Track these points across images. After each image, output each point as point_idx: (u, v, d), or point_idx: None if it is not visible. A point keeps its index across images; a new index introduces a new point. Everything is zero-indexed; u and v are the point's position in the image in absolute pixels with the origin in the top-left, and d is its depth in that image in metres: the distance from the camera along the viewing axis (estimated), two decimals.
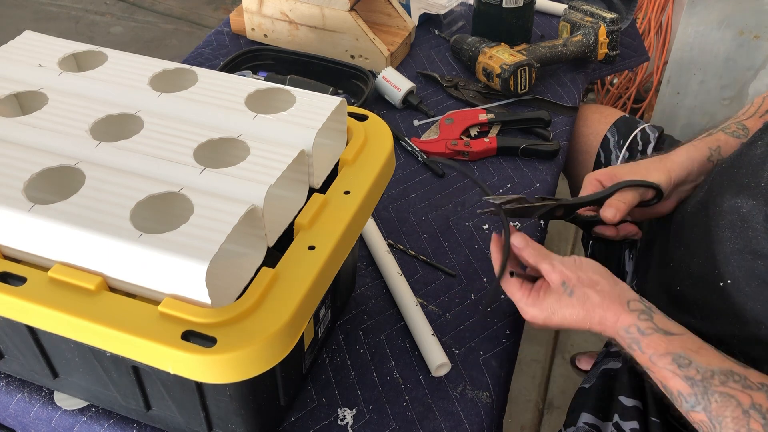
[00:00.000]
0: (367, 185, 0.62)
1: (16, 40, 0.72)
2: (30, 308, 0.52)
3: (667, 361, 0.61)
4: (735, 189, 0.68)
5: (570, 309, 0.65)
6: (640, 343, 0.62)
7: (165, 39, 2.81)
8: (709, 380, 0.58)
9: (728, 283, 0.66)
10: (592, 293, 0.65)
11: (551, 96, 1.14)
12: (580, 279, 0.66)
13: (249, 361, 0.50)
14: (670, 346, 0.61)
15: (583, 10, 1.21)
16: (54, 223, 0.51)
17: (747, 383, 0.58)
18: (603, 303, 0.64)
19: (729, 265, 0.66)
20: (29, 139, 0.59)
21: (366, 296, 0.81)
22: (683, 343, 0.62)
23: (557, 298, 0.66)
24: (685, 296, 0.72)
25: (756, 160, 0.68)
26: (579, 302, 0.65)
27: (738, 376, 0.58)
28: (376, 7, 1.22)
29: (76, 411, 0.67)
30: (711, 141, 0.80)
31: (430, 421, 0.69)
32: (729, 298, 0.66)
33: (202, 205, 0.53)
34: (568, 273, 0.66)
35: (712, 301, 0.68)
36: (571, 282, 0.66)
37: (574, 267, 0.67)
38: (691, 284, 0.71)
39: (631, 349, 0.63)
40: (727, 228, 0.67)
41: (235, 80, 0.67)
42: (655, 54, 2.11)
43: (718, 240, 0.68)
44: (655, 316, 0.63)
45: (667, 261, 0.76)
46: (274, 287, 0.53)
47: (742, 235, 0.65)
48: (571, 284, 0.66)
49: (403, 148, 1.03)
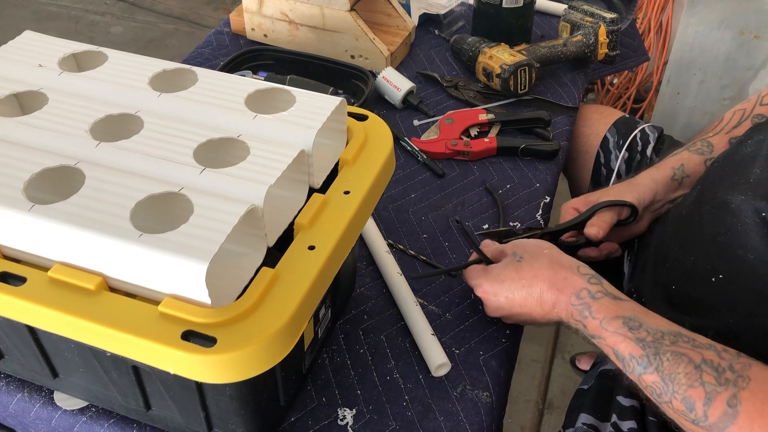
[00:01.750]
0: (367, 185, 0.62)
1: (16, 40, 0.72)
2: (30, 308, 0.52)
3: (617, 325, 0.62)
4: (725, 186, 0.69)
5: (518, 274, 0.68)
6: (591, 308, 0.64)
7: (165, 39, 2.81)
8: (660, 341, 0.60)
9: (720, 277, 0.66)
10: (542, 257, 0.68)
11: (551, 96, 1.14)
12: (529, 249, 0.70)
13: (249, 361, 0.50)
14: (619, 310, 0.63)
15: (583, 10, 1.21)
16: (54, 223, 0.51)
17: (696, 343, 0.60)
18: (552, 266, 0.67)
19: (721, 260, 0.67)
20: (29, 139, 0.59)
21: (366, 296, 0.81)
22: (632, 306, 0.64)
23: (505, 264, 0.70)
24: (680, 295, 0.72)
25: (746, 158, 0.69)
26: (527, 266, 0.68)
27: (686, 338, 0.60)
28: (376, 7, 1.22)
29: (76, 411, 0.67)
30: (674, 161, 0.83)
31: (430, 421, 0.69)
32: (722, 291, 0.66)
33: (202, 205, 0.53)
34: (520, 245, 0.72)
35: (705, 296, 0.68)
36: (521, 250, 0.70)
37: (527, 243, 0.72)
38: (685, 282, 0.72)
39: (582, 317, 0.65)
40: (719, 224, 0.68)
41: (235, 80, 0.67)
42: (655, 54, 2.11)
43: (710, 237, 0.69)
44: (604, 282, 0.66)
45: (663, 261, 0.77)
46: (274, 287, 0.53)
47: (733, 230, 0.66)
48: (520, 252, 0.70)
49: (403, 148, 1.03)
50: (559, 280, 0.66)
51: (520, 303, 0.70)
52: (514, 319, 0.74)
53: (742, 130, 0.78)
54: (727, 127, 0.83)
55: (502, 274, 0.70)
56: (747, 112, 0.83)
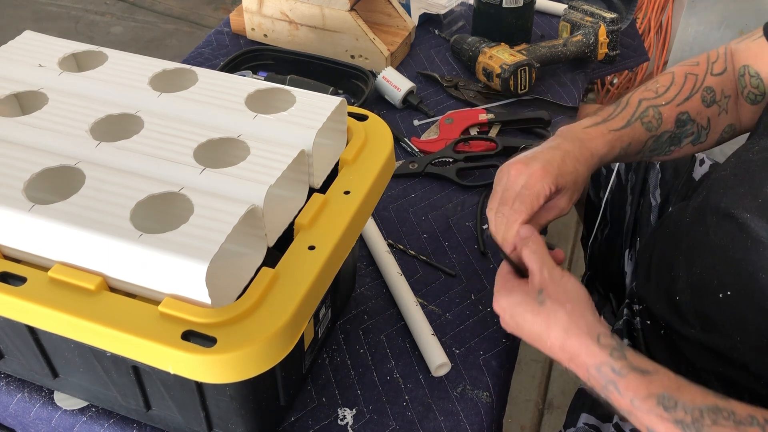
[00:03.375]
0: (367, 185, 0.62)
1: (16, 40, 0.72)
2: (30, 308, 0.52)
3: (651, 404, 0.56)
4: (732, 198, 0.66)
5: (533, 317, 0.61)
6: (618, 385, 0.58)
7: (165, 39, 2.81)
8: (700, 421, 0.55)
9: (728, 294, 0.64)
10: (562, 313, 0.60)
11: (551, 96, 1.14)
12: (557, 294, 0.62)
13: (249, 361, 0.50)
14: (651, 387, 0.57)
15: (583, 10, 1.21)
16: (54, 223, 0.51)
17: (737, 419, 0.55)
18: (569, 328, 0.60)
19: (729, 276, 0.64)
20: (29, 139, 0.59)
21: (366, 296, 0.81)
22: (662, 382, 0.57)
23: (526, 299, 0.62)
24: (685, 306, 0.70)
25: (753, 167, 0.67)
26: (545, 314, 0.61)
27: (726, 412, 0.55)
28: (376, 7, 1.22)
29: (76, 411, 0.67)
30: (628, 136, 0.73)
31: (430, 421, 0.69)
32: (730, 309, 0.64)
33: (202, 205, 0.53)
34: (549, 284, 0.62)
35: (712, 312, 0.66)
36: (548, 292, 0.62)
37: (558, 281, 0.63)
38: (690, 294, 0.69)
39: (607, 390, 0.59)
40: (726, 237, 0.66)
41: (235, 80, 0.67)
42: (655, 54, 2.11)
43: (716, 250, 0.66)
44: (628, 353, 0.59)
45: (667, 268, 0.75)
46: (274, 287, 0.53)
47: (741, 245, 0.64)
48: (546, 294, 0.62)
49: (403, 148, 1.03)
50: (572, 345, 0.60)
51: (530, 339, 0.64)
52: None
53: (691, 104, 0.75)
54: (679, 97, 0.75)
55: (518, 305, 0.63)
56: (699, 81, 0.76)
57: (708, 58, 0.78)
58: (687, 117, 0.75)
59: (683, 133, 0.75)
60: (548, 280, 0.62)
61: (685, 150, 0.78)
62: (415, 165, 0.98)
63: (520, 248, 0.66)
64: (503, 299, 0.64)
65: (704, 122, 0.76)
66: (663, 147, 0.75)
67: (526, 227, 0.66)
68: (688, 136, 0.75)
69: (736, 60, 0.78)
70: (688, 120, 0.75)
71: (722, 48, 0.79)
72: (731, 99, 0.77)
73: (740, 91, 0.76)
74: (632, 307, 0.82)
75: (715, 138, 0.78)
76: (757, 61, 0.75)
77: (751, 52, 0.75)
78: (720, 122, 0.77)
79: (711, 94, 0.76)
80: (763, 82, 0.74)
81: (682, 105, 0.75)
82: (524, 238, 0.65)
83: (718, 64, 0.77)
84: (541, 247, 0.65)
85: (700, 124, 0.76)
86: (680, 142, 0.76)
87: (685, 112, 0.74)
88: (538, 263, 0.64)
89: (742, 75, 0.76)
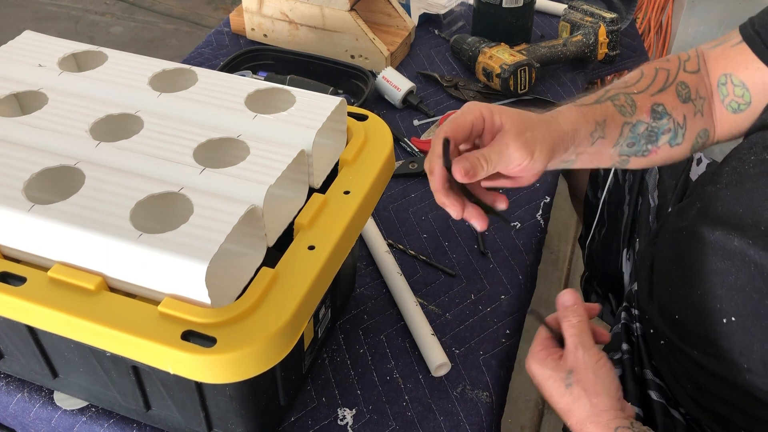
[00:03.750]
0: (367, 185, 0.62)
1: (16, 40, 0.72)
2: (30, 308, 0.52)
3: None
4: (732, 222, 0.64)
5: (559, 396, 0.62)
6: None
7: (165, 39, 2.81)
8: None
9: (732, 320, 0.62)
10: (586, 401, 0.60)
11: (551, 96, 1.14)
12: (587, 381, 0.61)
13: (249, 361, 0.50)
14: None
15: (583, 10, 1.21)
16: (54, 223, 0.51)
17: None
18: (589, 416, 0.60)
19: (732, 302, 0.62)
20: (29, 139, 0.59)
21: (366, 296, 0.81)
22: None
23: (555, 375, 0.62)
24: (686, 327, 0.68)
25: (749, 184, 0.64)
26: (569, 397, 0.61)
27: None
28: (376, 7, 1.22)
29: (76, 411, 0.67)
30: (599, 113, 0.69)
31: (430, 421, 0.69)
32: (733, 336, 0.62)
33: (202, 205, 0.53)
34: (581, 368, 0.61)
35: (714, 337, 0.64)
36: (577, 377, 0.61)
37: (590, 367, 0.61)
38: (691, 315, 0.67)
39: None
40: (726, 260, 0.63)
41: (235, 80, 0.67)
42: (655, 54, 2.11)
43: (717, 272, 0.64)
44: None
45: (665, 283, 0.73)
46: (274, 287, 0.53)
47: (744, 271, 0.62)
48: (574, 378, 0.61)
49: (403, 148, 1.03)
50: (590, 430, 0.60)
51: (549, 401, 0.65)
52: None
53: (666, 97, 0.71)
54: (652, 88, 0.72)
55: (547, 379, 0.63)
56: (671, 75, 0.73)
57: (679, 57, 0.75)
58: (663, 109, 0.70)
59: (660, 128, 0.71)
60: (581, 363, 0.61)
61: (663, 153, 0.72)
62: (415, 165, 0.98)
63: (562, 317, 0.64)
64: (535, 366, 0.64)
65: (680, 119, 0.71)
66: (640, 142, 0.70)
67: (570, 295, 0.65)
68: (665, 132, 0.71)
69: (711, 66, 0.74)
70: (663, 113, 0.70)
71: (692, 50, 0.75)
72: (706, 102, 0.73)
73: (721, 99, 0.72)
74: (631, 311, 0.82)
75: (691, 141, 0.73)
76: (740, 69, 0.70)
77: (731, 59, 0.71)
78: (696, 124, 0.72)
79: (686, 89, 0.72)
80: (748, 91, 0.71)
81: (656, 96, 0.71)
82: (566, 308, 0.64)
83: (691, 63, 0.74)
84: (582, 321, 0.63)
85: (677, 120, 0.71)
86: (657, 139, 0.71)
87: (660, 104, 0.71)
88: (574, 341, 0.62)
89: (724, 84, 0.72)
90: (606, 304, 1.04)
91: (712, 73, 0.73)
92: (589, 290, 1.08)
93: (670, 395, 0.72)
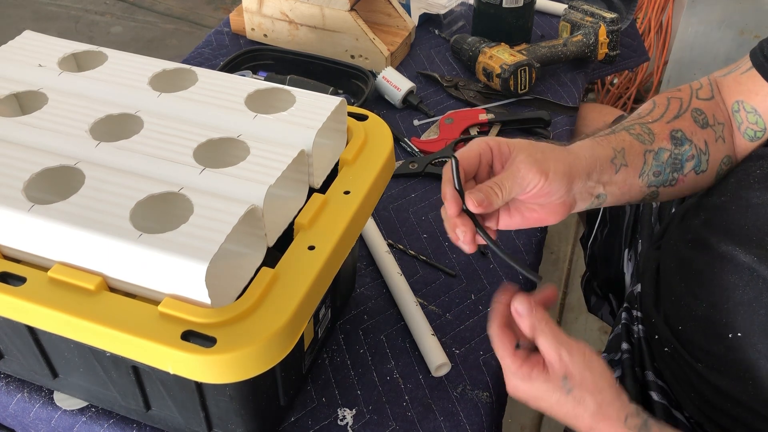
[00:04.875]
0: (367, 185, 0.62)
1: (16, 40, 0.72)
2: (30, 308, 0.52)
3: None
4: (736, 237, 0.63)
5: (561, 406, 0.58)
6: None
7: (165, 39, 2.81)
8: None
9: (738, 336, 0.61)
10: (591, 401, 0.57)
11: (551, 96, 1.14)
12: (584, 380, 0.58)
13: (249, 361, 0.50)
14: None
15: (583, 10, 1.21)
16: (54, 223, 0.51)
17: None
18: (597, 414, 0.58)
19: (738, 317, 0.62)
20: (29, 139, 0.59)
21: (366, 296, 0.81)
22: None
23: (551, 388, 0.58)
24: (690, 339, 0.67)
25: (754, 199, 0.64)
26: (574, 403, 0.58)
27: None
28: (376, 7, 1.22)
29: (76, 411, 0.67)
30: (615, 141, 0.67)
31: (430, 421, 0.69)
32: (739, 352, 0.61)
33: (202, 205, 0.53)
34: (573, 369, 0.58)
35: (720, 352, 0.63)
36: (574, 381, 0.58)
37: (582, 365, 0.58)
38: (695, 328, 0.66)
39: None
40: (733, 274, 0.63)
41: (235, 80, 0.67)
42: (655, 54, 2.11)
43: (723, 286, 0.63)
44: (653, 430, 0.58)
45: (668, 292, 0.72)
46: (274, 287, 0.53)
47: (752, 286, 0.61)
48: (572, 383, 0.58)
49: (403, 148, 1.03)
50: (602, 428, 0.58)
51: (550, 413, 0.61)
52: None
53: (683, 123, 0.70)
54: (667, 116, 0.71)
55: (542, 394, 0.59)
56: (685, 103, 0.72)
57: (691, 86, 0.74)
58: (682, 135, 0.69)
59: (683, 155, 0.69)
60: (571, 365, 0.58)
61: (690, 181, 0.70)
62: (415, 165, 0.98)
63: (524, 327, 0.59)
64: (522, 384, 0.59)
65: (702, 145, 0.70)
66: (665, 171, 0.68)
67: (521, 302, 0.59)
68: (689, 159, 0.69)
69: (725, 93, 0.73)
70: (684, 139, 0.69)
71: (704, 78, 0.75)
72: (726, 128, 0.72)
73: (737, 127, 0.71)
74: (631, 312, 0.82)
75: (715, 168, 0.71)
76: (752, 96, 0.70)
77: (743, 87, 0.71)
78: (718, 150, 0.71)
79: (702, 116, 0.71)
80: (762, 117, 0.69)
81: (672, 122, 0.70)
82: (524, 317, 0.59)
83: (704, 91, 0.73)
84: (548, 321, 0.59)
85: (698, 147, 0.69)
86: (682, 167, 0.69)
87: (678, 129, 0.69)
88: (553, 345, 0.58)
89: (737, 111, 0.71)
90: (606, 305, 1.04)
91: (727, 100, 0.72)
92: (589, 291, 1.08)
93: (672, 398, 0.72)
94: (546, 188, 0.60)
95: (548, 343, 0.58)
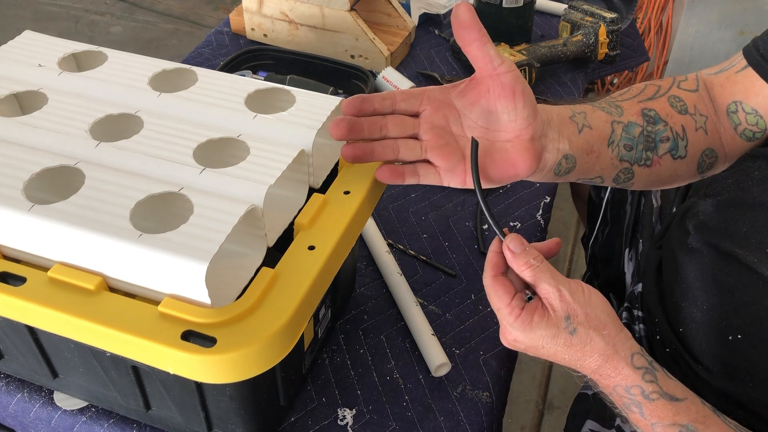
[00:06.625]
0: (367, 185, 0.62)
1: (16, 40, 0.72)
2: (30, 308, 0.52)
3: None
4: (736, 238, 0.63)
5: (566, 349, 0.56)
6: (643, 408, 0.55)
7: (165, 39, 2.81)
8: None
9: (738, 338, 0.61)
10: (597, 338, 0.55)
11: (551, 96, 1.14)
12: (588, 317, 0.55)
13: (249, 361, 0.49)
14: (677, 417, 0.55)
15: (583, 9, 1.21)
16: (54, 223, 0.51)
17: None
18: (605, 352, 0.56)
19: (739, 319, 0.61)
20: (29, 139, 0.59)
21: (366, 296, 0.81)
22: (689, 412, 0.55)
23: (555, 332, 0.55)
24: (690, 341, 0.67)
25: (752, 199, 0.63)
26: (579, 343, 0.55)
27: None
28: (376, 7, 1.22)
29: (76, 411, 0.67)
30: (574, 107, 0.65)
31: (430, 421, 0.69)
32: (741, 354, 0.61)
33: (202, 205, 0.53)
34: (576, 307, 0.55)
35: (721, 354, 0.63)
36: (577, 318, 0.55)
37: (583, 301, 0.55)
38: (695, 329, 0.66)
39: (629, 410, 0.57)
40: (733, 277, 0.62)
41: (235, 80, 0.67)
42: (655, 54, 2.11)
43: (723, 287, 0.63)
44: (659, 375, 0.56)
45: (668, 293, 0.72)
46: (274, 287, 0.53)
47: (752, 287, 0.60)
48: (576, 321, 0.55)
49: None
50: (607, 368, 0.56)
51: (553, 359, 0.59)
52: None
53: (657, 104, 0.67)
54: (640, 97, 0.69)
55: (543, 339, 0.56)
56: (663, 89, 0.70)
57: (675, 77, 0.72)
58: (655, 114, 0.66)
59: (656, 134, 0.66)
60: (573, 303, 0.55)
61: (666, 165, 0.68)
62: None
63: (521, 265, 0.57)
64: (522, 335, 0.56)
65: (679, 129, 0.67)
66: (638, 147, 0.66)
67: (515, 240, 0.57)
68: (663, 140, 0.66)
69: (717, 93, 0.70)
70: (657, 118, 0.66)
71: (691, 74, 0.72)
72: (710, 122, 0.69)
73: (733, 128, 0.69)
74: (632, 312, 0.82)
75: (695, 158, 0.69)
76: (750, 95, 0.67)
77: (739, 86, 0.68)
78: (699, 140, 0.68)
79: (681, 102, 0.69)
80: (762, 118, 0.67)
81: (645, 102, 0.67)
82: (519, 255, 0.56)
83: (688, 83, 0.71)
84: (542, 259, 0.57)
85: (675, 131, 0.67)
86: (656, 146, 0.66)
87: (651, 109, 0.66)
88: (552, 284, 0.56)
89: (734, 112, 0.69)
90: None
91: (720, 100, 0.70)
92: None
93: None
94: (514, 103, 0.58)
95: (547, 281, 0.55)
